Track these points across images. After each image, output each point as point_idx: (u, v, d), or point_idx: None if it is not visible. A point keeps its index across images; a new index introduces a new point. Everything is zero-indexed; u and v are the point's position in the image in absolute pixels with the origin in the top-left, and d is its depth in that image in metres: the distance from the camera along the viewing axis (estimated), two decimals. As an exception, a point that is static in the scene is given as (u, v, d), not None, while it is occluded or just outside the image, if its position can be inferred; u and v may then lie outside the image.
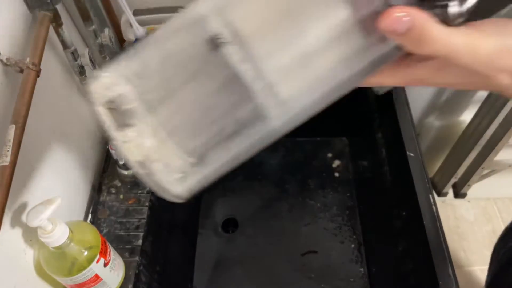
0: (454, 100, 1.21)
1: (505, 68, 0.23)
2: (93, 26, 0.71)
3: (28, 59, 0.51)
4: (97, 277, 0.54)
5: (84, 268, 0.52)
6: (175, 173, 0.28)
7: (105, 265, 0.55)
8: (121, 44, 0.90)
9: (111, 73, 0.28)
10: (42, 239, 0.47)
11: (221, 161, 0.29)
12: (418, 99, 1.11)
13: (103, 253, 0.54)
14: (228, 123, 0.27)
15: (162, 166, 0.28)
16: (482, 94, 1.15)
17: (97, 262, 0.53)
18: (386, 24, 0.21)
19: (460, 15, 0.23)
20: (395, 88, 0.86)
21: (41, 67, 0.52)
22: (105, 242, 0.55)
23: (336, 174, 1.04)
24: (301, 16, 0.24)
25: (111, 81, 0.28)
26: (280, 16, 0.25)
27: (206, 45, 0.26)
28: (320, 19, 0.24)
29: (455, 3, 0.22)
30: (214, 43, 0.25)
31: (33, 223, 0.45)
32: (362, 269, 0.89)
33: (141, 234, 0.66)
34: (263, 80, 0.26)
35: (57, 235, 0.48)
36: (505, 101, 1.04)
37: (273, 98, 0.26)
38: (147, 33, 0.84)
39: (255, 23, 0.25)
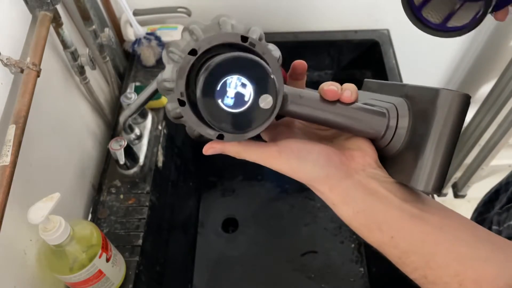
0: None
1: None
2: (93, 26, 0.71)
3: (28, 59, 0.51)
4: (100, 273, 0.54)
5: (84, 266, 0.52)
6: None
7: (108, 259, 0.55)
8: (121, 44, 0.90)
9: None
10: (43, 237, 0.47)
11: None
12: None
13: (105, 248, 0.54)
14: None
15: None
16: (482, 95, 1.15)
17: (100, 257, 0.53)
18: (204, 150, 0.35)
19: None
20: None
21: (41, 67, 0.52)
22: (105, 238, 0.56)
23: (336, 174, 1.04)
24: None
25: None
26: None
27: None
28: None
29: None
30: None
31: (34, 220, 0.45)
32: (362, 269, 0.89)
33: (141, 234, 0.66)
34: None
35: (58, 232, 0.48)
36: (505, 102, 1.04)
37: None
38: (147, 33, 0.84)
39: None
